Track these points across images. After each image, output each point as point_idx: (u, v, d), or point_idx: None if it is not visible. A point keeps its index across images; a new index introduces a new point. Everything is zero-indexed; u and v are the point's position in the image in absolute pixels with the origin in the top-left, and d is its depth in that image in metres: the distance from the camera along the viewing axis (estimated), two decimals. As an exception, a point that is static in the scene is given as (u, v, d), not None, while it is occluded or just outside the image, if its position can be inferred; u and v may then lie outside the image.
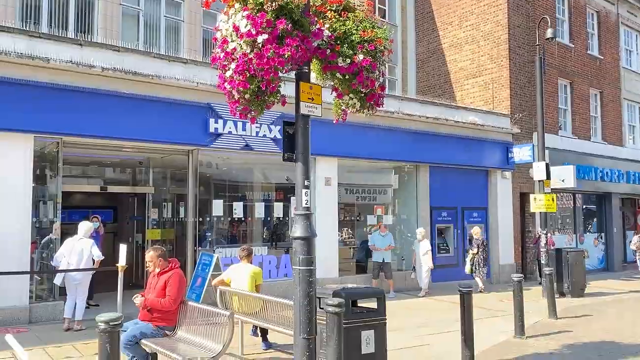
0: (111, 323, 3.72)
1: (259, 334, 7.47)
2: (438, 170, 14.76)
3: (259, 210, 12.17)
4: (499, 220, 15.92)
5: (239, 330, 6.96)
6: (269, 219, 12.44)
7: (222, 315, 5.39)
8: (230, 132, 10.92)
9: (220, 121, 10.74)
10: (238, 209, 11.76)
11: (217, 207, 11.37)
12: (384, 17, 18.78)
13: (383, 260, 12.56)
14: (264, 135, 11.36)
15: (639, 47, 22.41)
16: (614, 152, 20.01)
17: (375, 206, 14.38)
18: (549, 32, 13.04)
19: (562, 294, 13.11)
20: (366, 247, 13.50)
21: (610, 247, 19.68)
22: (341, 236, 13.66)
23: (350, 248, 14.21)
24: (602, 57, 20.09)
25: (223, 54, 4.76)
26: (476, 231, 14.04)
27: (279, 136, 10.91)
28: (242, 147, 11.19)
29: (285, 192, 12.53)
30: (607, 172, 19.24)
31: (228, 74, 4.74)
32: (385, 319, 5.40)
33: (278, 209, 12.46)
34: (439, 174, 14.80)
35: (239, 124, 10.91)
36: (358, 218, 14.58)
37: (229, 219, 11.86)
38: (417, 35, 19.69)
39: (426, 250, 12.88)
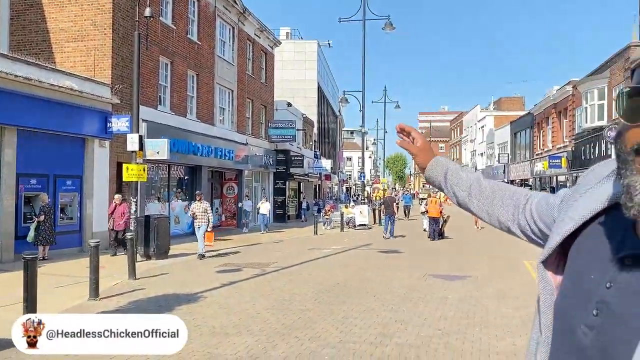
0: None
1: None
2: (29, 134, 13.74)
3: None
4: (94, 189, 15.97)
5: None
6: None
7: None
8: None
9: None
10: None
11: None
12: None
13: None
14: None
15: (231, 39, 25.73)
16: (206, 130, 22.56)
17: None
18: (147, 11, 13.73)
19: (149, 257, 14.23)
20: None
21: (198, 214, 22.24)
22: None
23: None
24: (200, 43, 22.26)
25: None
26: (43, 198, 13.71)
27: None
28: None
29: None
30: (199, 147, 21.58)
31: None
32: None
33: None
34: (30, 139, 13.80)
35: None
36: None
37: None
38: (11, -18, 17.56)
39: None
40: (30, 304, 6.37)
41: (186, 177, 22.11)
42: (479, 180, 1.44)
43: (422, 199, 55.73)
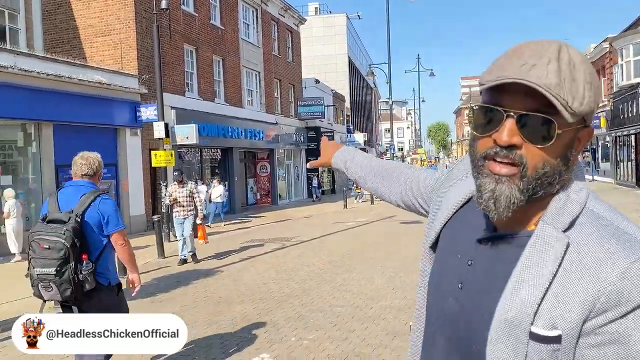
0: None
1: None
2: (64, 128, 14.75)
3: None
4: (129, 175, 17.00)
5: None
6: None
7: None
8: None
9: None
10: None
11: None
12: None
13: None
14: None
15: (255, 21, 26.18)
16: (235, 112, 23.29)
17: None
18: (163, 3, 14.34)
19: (182, 237, 15.14)
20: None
21: (232, 193, 23.15)
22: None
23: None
24: (224, 28, 22.84)
25: None
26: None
27: None
28: None
29: None
30: (229, 130, 22.35)
31: None
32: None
33: None
34: (66, 132, 14.81)
35: None
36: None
37: None
38: (41, -17, 18.54)
39: (6, 211, 12.11)
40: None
41: (214, 159, 22.94)
42: (370, 164, 1.60)
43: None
